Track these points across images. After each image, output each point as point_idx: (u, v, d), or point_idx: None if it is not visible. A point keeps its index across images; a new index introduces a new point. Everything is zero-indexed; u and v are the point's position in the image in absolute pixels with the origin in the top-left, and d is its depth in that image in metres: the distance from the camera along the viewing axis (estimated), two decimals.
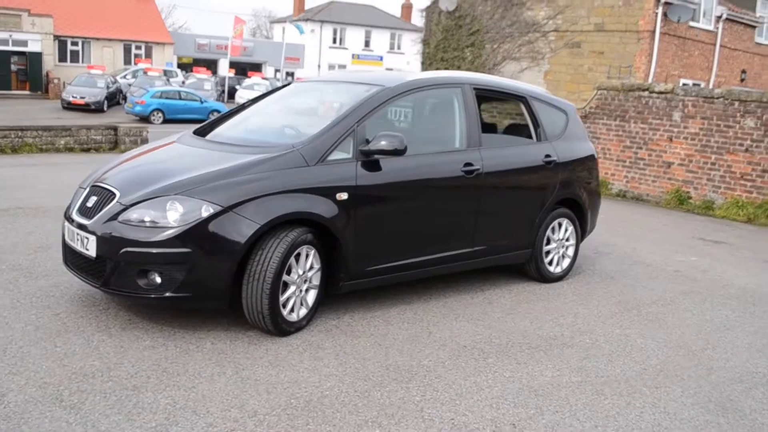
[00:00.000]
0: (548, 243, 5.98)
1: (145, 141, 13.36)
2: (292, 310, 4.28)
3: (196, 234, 3.92)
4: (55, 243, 6.01)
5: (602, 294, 5.87)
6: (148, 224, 3.95)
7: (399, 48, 55.00)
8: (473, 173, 5.14)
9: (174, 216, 3.94)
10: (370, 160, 4.56)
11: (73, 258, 4.39)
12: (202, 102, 28.30)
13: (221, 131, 5.17)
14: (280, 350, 4.07)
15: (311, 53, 52.14)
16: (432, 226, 5.06)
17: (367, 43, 54.41)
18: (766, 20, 21.50)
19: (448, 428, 3.34)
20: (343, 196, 4.39)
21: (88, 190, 4.45)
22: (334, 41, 53.57)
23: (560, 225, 6.06)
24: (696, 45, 18.57)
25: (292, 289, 4.25)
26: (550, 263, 6.05)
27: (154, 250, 3.90)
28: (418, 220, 4.94)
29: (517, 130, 6.05)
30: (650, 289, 6.15)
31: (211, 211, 3.94)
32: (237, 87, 37.11)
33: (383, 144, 4.46)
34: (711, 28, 19.12)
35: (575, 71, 17.74)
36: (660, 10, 16.49)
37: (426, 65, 20.22)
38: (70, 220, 4.39)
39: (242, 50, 40.55)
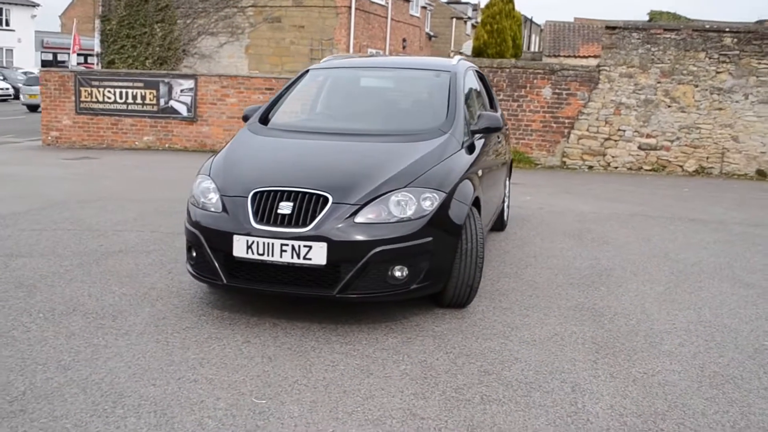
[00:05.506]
0: None
1: None
2: None
3: (434, 222, 3.91)
4: (33, 279, 4.53)
5: (547, 233, 6.72)
6: (391, 220, 3.81)
7: (8, 24, 47.13)
8: (500, 142, 5.65)
9: (411, 208, 3.88)
10: (473, 140, 4.83)
11: (263, 273, 3.81)
12: None
13: (328, 122, 5.11)
14: (481, 329, 3.98)
15: None
16: (495, 191, 5.58)
17: None
18: None
19: (702, 367, 3.79)
20: (480, 172, 4.70)
21: (251, 197, 3.86)
22: None
23: (506, 181, 6.79)
24: (376, 18, 20.56)
25: None
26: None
27: (406, 245, 3.78)
28: (493, 187, 5.43)
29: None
30: (556, 224, 7.21)
31: (439, 199, 3.98)
32: None
33: (488, 123, 4.86)
34: (383, 3, 21.36)
35: (277, 45, 18.10)
36: None
37: (108, 43, 18.40)
38: (248, 232, 3.75)
39: None
